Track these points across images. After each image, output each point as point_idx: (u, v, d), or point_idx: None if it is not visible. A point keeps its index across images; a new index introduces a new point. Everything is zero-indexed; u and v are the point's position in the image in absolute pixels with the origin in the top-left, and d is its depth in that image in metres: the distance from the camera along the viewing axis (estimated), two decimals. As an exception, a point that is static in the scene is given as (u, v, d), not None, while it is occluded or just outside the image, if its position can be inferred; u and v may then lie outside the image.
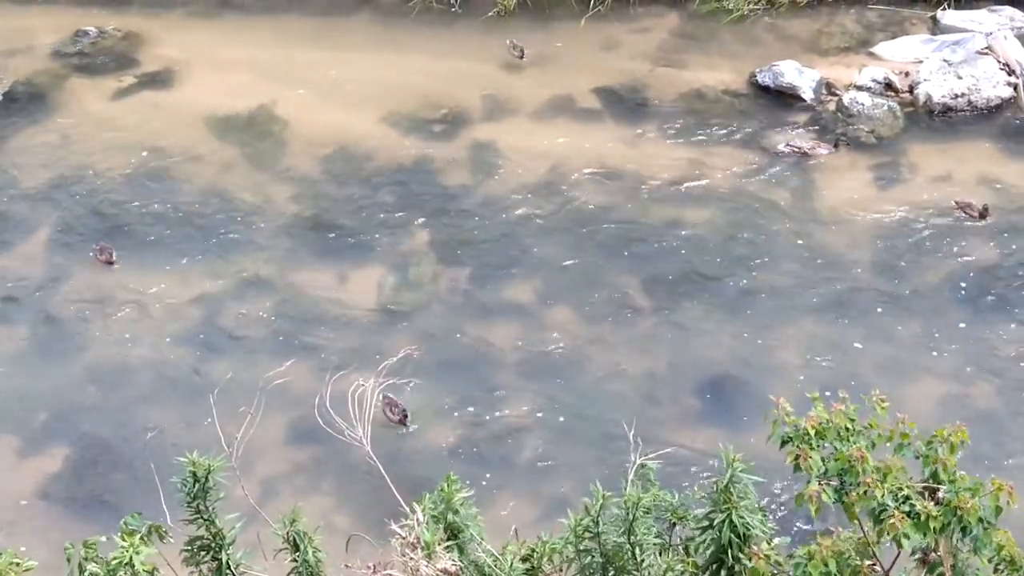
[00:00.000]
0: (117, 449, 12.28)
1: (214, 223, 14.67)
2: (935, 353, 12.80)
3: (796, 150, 15.13)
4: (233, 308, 13.66)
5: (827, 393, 7.38)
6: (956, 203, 13.97)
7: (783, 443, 6.95)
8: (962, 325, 13.07)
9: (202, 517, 7.32)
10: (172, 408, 12.60)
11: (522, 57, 16.62)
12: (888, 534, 6.54)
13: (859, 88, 16.11)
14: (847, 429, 6.86)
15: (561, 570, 7.47)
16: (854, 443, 6.79)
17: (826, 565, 6.80)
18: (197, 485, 7.21)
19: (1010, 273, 13.62)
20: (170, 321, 13.53)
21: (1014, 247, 13.90)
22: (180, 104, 16.50)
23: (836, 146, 15.21)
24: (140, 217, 14.77)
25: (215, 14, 18.18)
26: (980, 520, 6.61)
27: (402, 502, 7.75)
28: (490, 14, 17.62)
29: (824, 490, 6.68)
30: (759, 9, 17.43)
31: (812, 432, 6.82)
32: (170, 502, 7.70)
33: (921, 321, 13.15)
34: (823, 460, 6.80)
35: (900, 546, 6.60)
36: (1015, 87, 15.96)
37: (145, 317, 13.57)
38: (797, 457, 6.75)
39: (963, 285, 13.52)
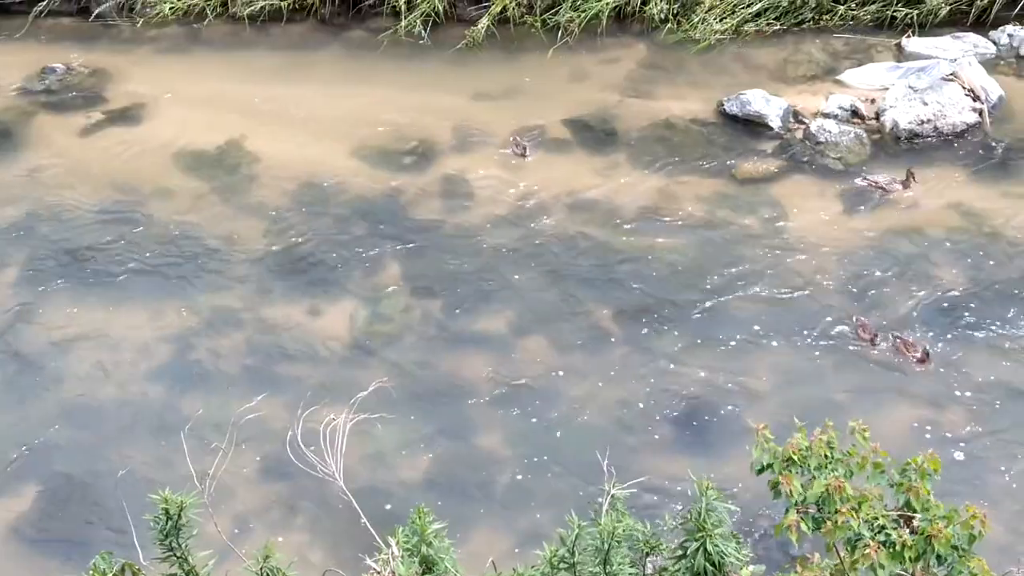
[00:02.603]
0: (88, 487, 12.18)
1: (184, 258, 14.62)
2: (907, 379, 12.84)
3: (874, 185, 15.03)
4: (204, 343, 13.60)
5: (801, 418, 7.40)
6: (856, 320, 13.36)
7: (760, 471, 6.97)
8: (934, 350, 13.11)
9: (175, 555, 7.26)
10: (143, 445, 12.51)
11: (525, 155, 15.79)
12: (863, 564, 6.56)
13: (826, 115, 16.23)
14: (826, 457, 6.88)
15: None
16: (832, 471, 6.81)
17: (803, 593, 6.82)
18: (169, 522, 7.15)
19: (979, 298, 13.69)
20: (140, 358, 13.46)
21: (982, 272, 13.98)
22: (148, 140, 16.47)
23: (908, 179, 15.00)
24: (109, 253, 14.71)
25: (183, 50, 18.19)
26: (954, 548, 6.63)
27: (376, 536, 7.72)
28: (459, 47, 17.69)
29: (803, 519, 6.69)
30: (726, 38, 17.56)
31: (794, 458, 6.84)
32: (142, 540, 7.65)
33: (893, 346, 13.20)
34: (802, 487, 6.82)
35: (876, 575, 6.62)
36: (980, 112, 16.10)
37: (115, 354, 13.49)
38: (777, 484, 6.77)
39: (933, 310, 13.59)
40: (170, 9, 18.37)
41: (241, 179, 15.77)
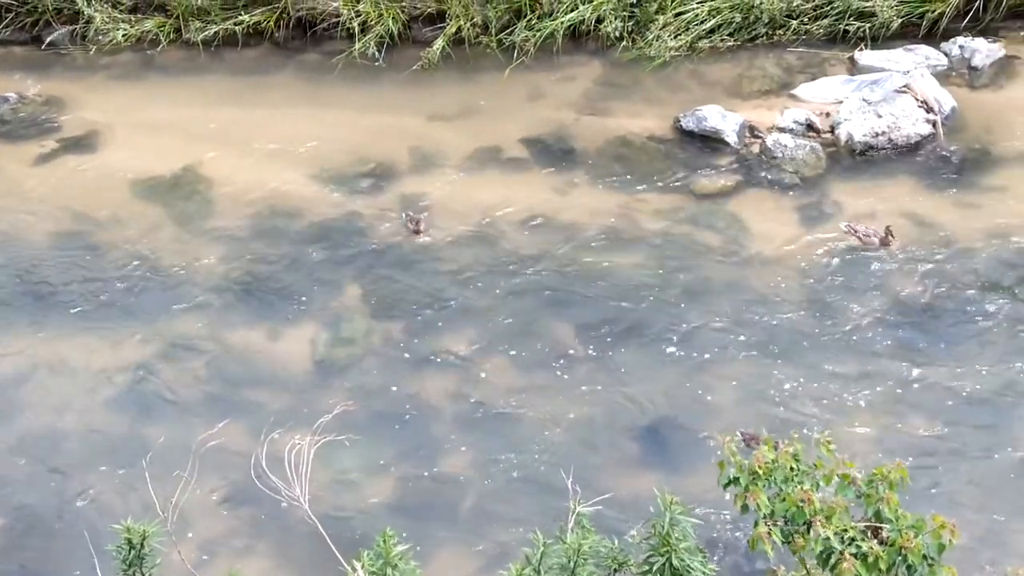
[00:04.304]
0: (50, 519, 12.07)
1: (142, 286, 14.52)
2: (868, 389, 12.90)
3: (852, 232, 14.57)
4: (164, 371, 13.51)
5: (766, 433, 7.42)
6: (740, 433, 12.13)
7: (727, 484, 6.98)
8: (893, 360, 13.20)
9: (138, 584, 7.21)
10: (105, 475, 12.41)
11: (419, 230, 15.03)
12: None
13: (781, 130, 16.30)
14: (792, 470, 6.89)
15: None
16: (799, 484, 6.83)
17: (770, 606, 6.83)
18: (132, 552, 7.10)
19: (936, 308, 13.78)
20: (100, 387, 13.35)
21: (939, 282, 14.08)
22: (104, 167, 16.36)
23: (887, 236, 14.45)
24: (66, 282, 14.59)
25: (137, 76, 18.09)
26: (924, 558, 6.65)
27: (342, 560, 7.68)
28: (415, 68, 17.68)
29: (772, 531, 6.70)
30: (680, 55, 17.62)
31: (760, 471, 6.86)
32: (106, 570, 7.59)
33: (852, 357, 13.27)
34: (769, 500, 6.83)
35: (854, 586, 6.64)
36: (933, 124, 16.22)
37: (74, 383, 13.38)
38: (744, 498, 6.78)
39: (892, 321, 13.67)
40: (123, 36, 18.28)
41: (198, 205, 15.69)
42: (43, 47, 18.57)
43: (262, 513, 11.77)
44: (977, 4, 17.73)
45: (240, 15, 18.18)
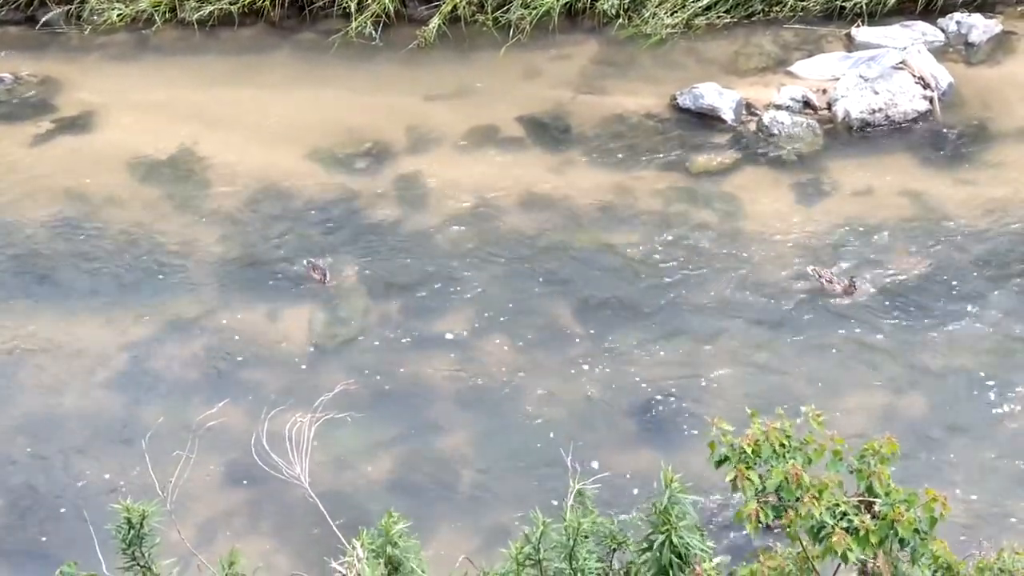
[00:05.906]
0: (50, 499, 12.10)
1: (139, 266, 14.52)
2: (866, 366, 12.93)
3: (818, 275, 13.90)
4: (162, 351, 13.52)
5: (762, 409, 7.43)
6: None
7: (719, 463, 7.00)
8: (891, 338, 13.22)
9: (138, 564, 7.21)
10: (104, 455, 12.44)
11: (325, 280, 14.12)
12: (835, 551, 6.59)
13: (778, 107, 16.28)
14: (782, 446, 6.90)
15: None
16: (790, 460, 6.84)
17: (768, 582, 6.84)
18: (132, 532, 7.11)
19: (934, 285, 13.80)
20: (99, 367, 13.36)
21: (936, 260, 14.09)
22: (100, 148, 16.33)
23: (851, 285, 13.80)
24: (64, 263, 14.59)
25: (132, 56, 18.03)
26: (916, 531, 6.67)
27: (342, 538, 7.69)
28: (411, 46, 17.63)
29: (762, 509, 6.72)
30: (677, 33, 17.59)
31: (749, 450, 6.87)
32: (105, 550, 7.60)
33: (850, 335, 13.28)
34: (760, 477, 6.84)
35: (846, 561, 6.65)
36: (930, 100, 16.21)
37: (73, 364, 13.39)
38: (735, 477, 6.79)
39: (888, 297, 13.68)
40: (118, 16, 18.23)
41: (195, 185, 15.67)
42: (38, 27, 18.51)
43: (262, 493, 11.79)
44: (974, -21, 17.72)
45: (236, -6, 18.13)
